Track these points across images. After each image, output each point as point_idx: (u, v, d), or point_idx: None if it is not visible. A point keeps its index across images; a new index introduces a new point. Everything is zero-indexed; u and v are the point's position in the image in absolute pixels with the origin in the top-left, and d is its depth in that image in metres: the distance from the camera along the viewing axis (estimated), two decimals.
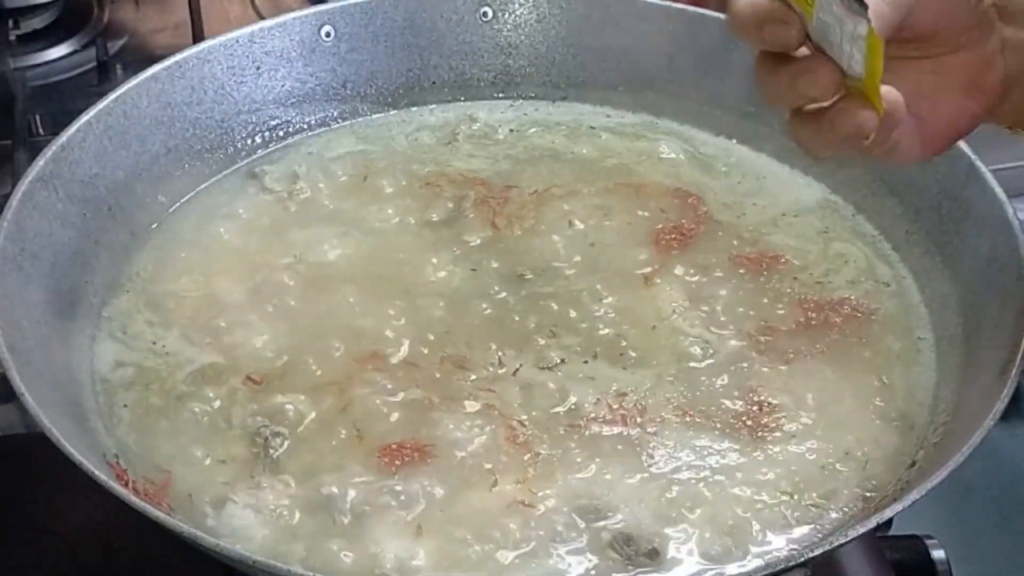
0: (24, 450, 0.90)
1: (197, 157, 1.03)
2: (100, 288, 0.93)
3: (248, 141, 1.06)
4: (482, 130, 1.09)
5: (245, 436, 0.83)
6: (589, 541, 0.77)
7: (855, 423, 0.84)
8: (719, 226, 0.99)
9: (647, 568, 0.76)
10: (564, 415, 0.84)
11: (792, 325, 0.91)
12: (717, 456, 0.82)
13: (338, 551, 0.77)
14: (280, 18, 1.06)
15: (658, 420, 0.84)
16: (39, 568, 0.86)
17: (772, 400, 0.85)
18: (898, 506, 0.72)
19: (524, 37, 1.11)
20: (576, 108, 1.11)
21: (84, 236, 0.93)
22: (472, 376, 0.86)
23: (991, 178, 0.90)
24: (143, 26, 1.35)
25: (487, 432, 0.82)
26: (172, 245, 0.97)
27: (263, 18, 1.10)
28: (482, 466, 0.81)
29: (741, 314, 0.91)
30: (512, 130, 1.10)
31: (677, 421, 0.84)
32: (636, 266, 0.95)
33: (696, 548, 0.77)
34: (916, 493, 0.71)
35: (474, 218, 0.99)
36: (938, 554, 0.90)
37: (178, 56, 1.01)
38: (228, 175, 1.04)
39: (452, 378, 0.86)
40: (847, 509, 0.80)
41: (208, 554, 0.71)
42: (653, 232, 0.98)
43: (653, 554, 0.76)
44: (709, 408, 0.85)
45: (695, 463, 0.81)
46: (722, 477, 0.80)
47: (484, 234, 0.98)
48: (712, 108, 1.08)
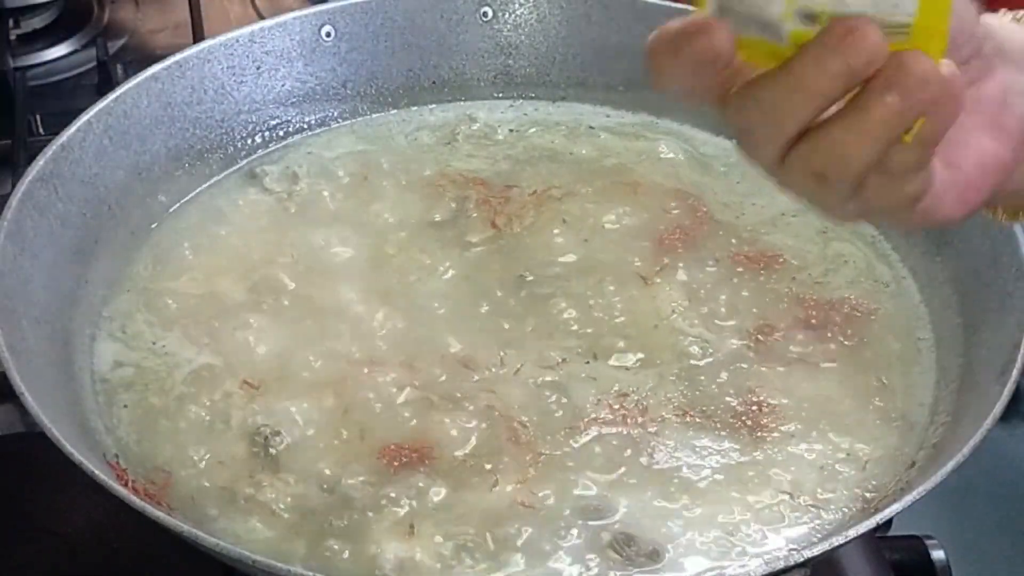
0: (24, 450, 0.90)
1: (197, 157, 1.03)
2: (100, 288, 0.93)
3: (248, 141, 1.05)
4: (482, 130, 1.09)
5: (245, 436, 0.83)
6: (589, 541, 0.77)
7: (855, 423, 0.84)
8: (718, 226, 0.99)
9: (647, 568, 0.76)
10: (565, 415, 0.84)
11: (792, 325, 0.91)
12: (717, 456, 0.82)
13: (338, 551, 0.76)
14: (280, 18, 1.06)
15: (659, 420, 0.84)
16: (39, 568, 0.86)
17: (772, 400, 0.85)
18: (898, 506, 0.72)
19: (524, 37, 1.11)
20: (576, 108, 1.11)
21: (84, 236, 0.93)
22: (475, 376, 0.86)
23: None
24: (143, 26, 1.35)
25: (488, 432, 0.82)
26: (172, 245, 0.97)
27: (263, 18, 1.10)
28: (482, 466, 0.81)
29: (741, 314, 0.91)
30: (512, 130, 1.09)
31: (677, 421, 0.84)
32: (636, 266, 0.95)
33: (696, 548, 0.77)
34: (916, 493, 0.71)
35: (476, 218, 0.99)
36: (938, 554, 0.90)
37: (178, 56, 1.01)
38: (228, 175, 1.04)
39: (453, 378, 0.86)
40: (847, 509, 0.80)
41: (208, 554, 0.71)
42: (652, 232, 0.98)
43: (653, 554, 0.76)
44: (709, 408, 0.85)
45: (695, 463, 0.81)
46: (722, 477, 0.80)
47: (486, 234, 0.98)
48: (712, 108, 1.07)
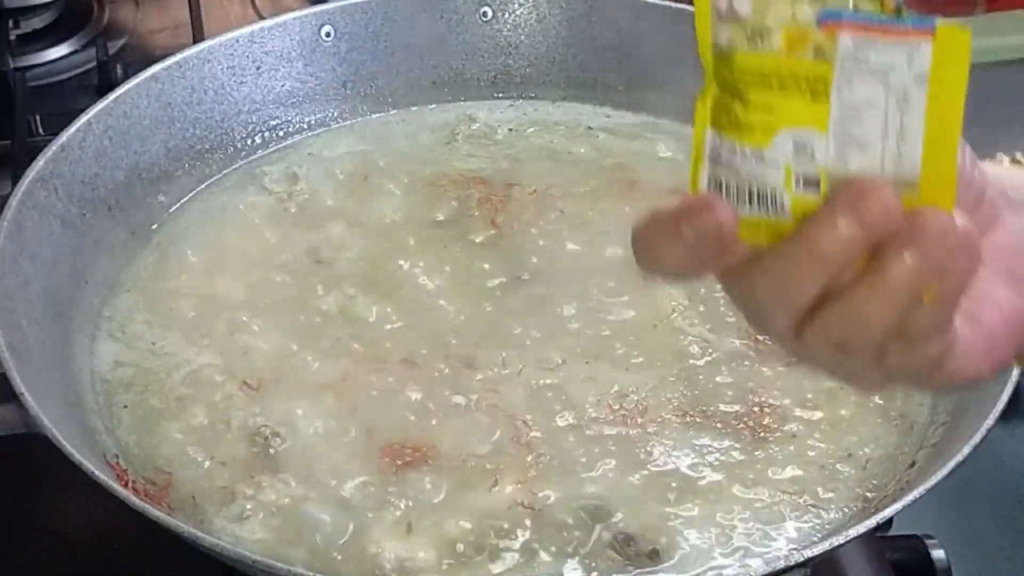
0: (24, 450, 0.90)
1: (197, 157, 1.03)
2: (100, 288, 0.93)
3: (248, 141, 1.05)
4: (481, 130, 1.09)
5: (245, 436, 0.83)
6: (589, 541, 0.77)
7: (855, 423, 0.84)
8: None
9: (648, 568, 0.76)
10: (565, 416, 0.84)
11: None
12: (717, 456, 0.82)
13: (338, 551, 0.76)
14: (280, 18, 1.06)
15: (659, 420, 0.84)
16: (39, 568, 0.86)
17: (772, 400, 0.85)
18: (898, 506, 0.72)
19: (524, 37, 1.11)
20: (576, 108, 1.11)
21: (84, 236, 0.93)
22: (478, 376, 0.86)
23: None
24: (143, 26, 1.35)
25: (488, 432, 0.82)
26: (172, 245, 0.97)
27: (263, 18, 1.10)
28: (483, 466, 0.80)
29: (741, 313, 0.91)
30: (511, 130, 1.09)
31: (678, 421, 0.84)
32: (634, 266, 0.95)
33: (696, 548, 0.77)
34: (916, 493, 0.71)
35: (478, 216, 0.99)
36: (938, 554, 0.89)
37: (178, 56, 1.01)
38: (228, 175, 1.04)
39: (454, 378, 0.86)
40: (847, 509, 0.79)
41: (208, 554, 0.71)
42: None
43: (653, 554, 0.76)
44: (710, 408, 0.84)
45: (695, 463, 0.81)
46: (722, 477, 0.80)
47: (488, 232, 0.98)
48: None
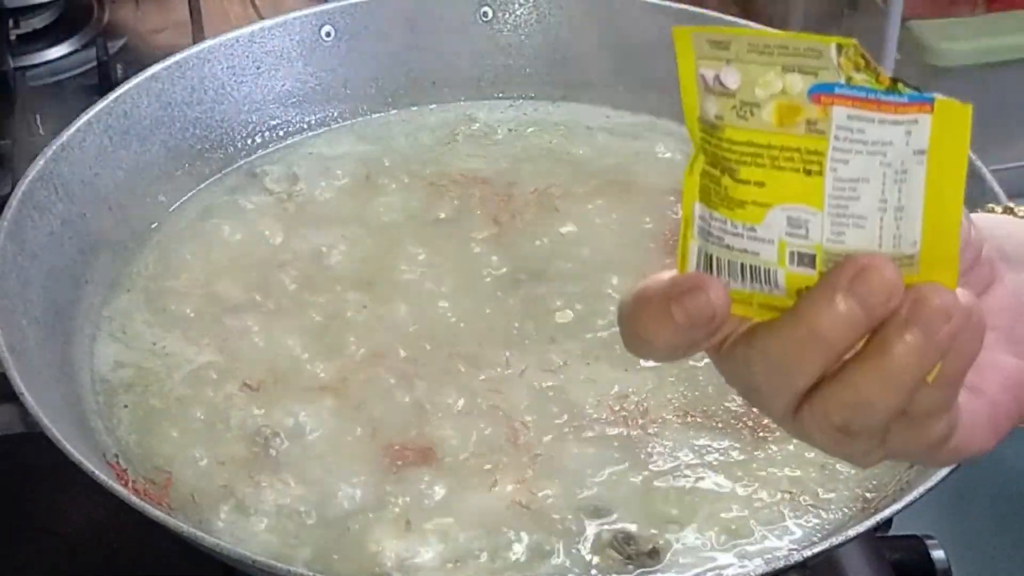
0: (24, 450, 0.90)
1: (197, 157, 1.03)
2: (100, 288, 0.93)
3: (248, 141, 1.05)
4: (481, 130, 1.09)
5: (245, 436, 0.83)
6: (589, 541, 0.77)
7: None
8: None
9: (648, 568, 0.76)
10: (565, 417, 0.84)
11: None
12: (717, 455, 0.82)
13: (338, 550, 0.76)
14: (280, 18, 1.06)
15: (659, 421, 0.84)
16: (39, 568, 0.86)
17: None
18: (898, 506, 0.72)
19: (524, 37, 1.11)
20: (576, 108, 1.11)
21: (84, 236, 0.93)
22: (481, 375, 0.86)
23: (991, 178, 0.90)
24: (143, 26, 1.35)
25: (488, 432, 0.82)
26: (172, 244, 0.97)
27: (263, 18, 1.10)
28: (483, 466, 0.80)
29: None
30: (511, 130, 1.09)
31: (678, 422, 0.84)
32: (634, 265, 0.95)
33: (696, 548, 0.77)
34: (916, 493, 0.71)
35: (480, 215, 0.99)
36: (938, 554, 0.89)
37: (178, 56, 1.01)
38: (228, 175, 1.04)
39: (456, 378, 0.86)
40: (847, 509, 0.79)
41: (208, 554, 0.71)
42: (651, 231, 0.98)
43: (653, 553, 0.76)
44: (710, 408, 0.84)
45: (696, 462, 0.81)
46: (723, 476, 0.80)
47: (490, 231, 0.98)
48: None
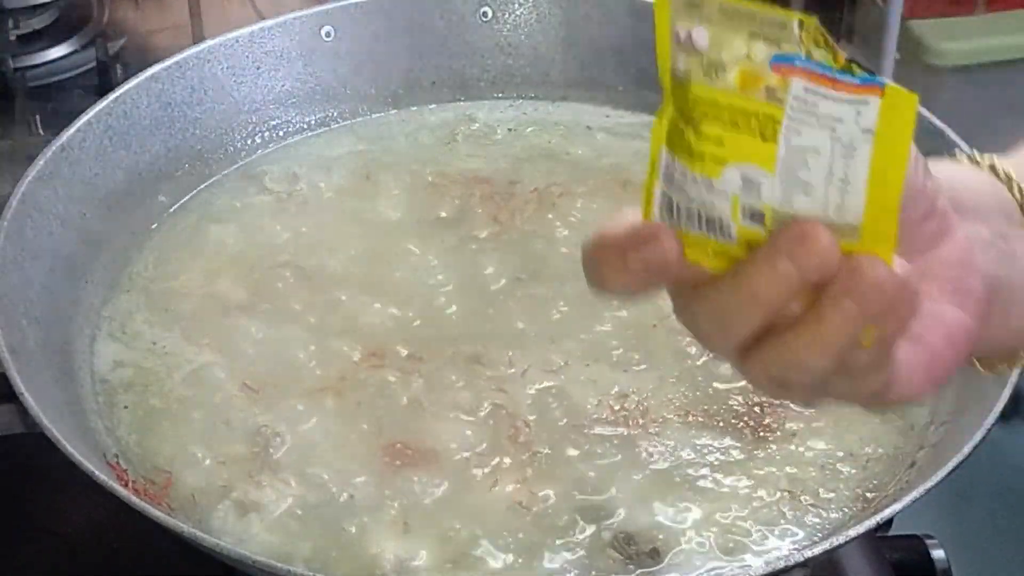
0: (24, 450, 0.90)
1: (197, 157, 1.03)
2: (100, 288, 0.93)
3: (248, 141, 1.05)
4: (481, 130, 1.09)
5: (245, 436, 0.83)
6: (589, 541, 0.77)
7: (856, 423, 0.84)
8: None
9: (648, 567, 0.76)
10: (565, 417, 0.84)
11: None
12: (718, 455, 0.82)
13: (338, 551, 0.76)
14: (280, 18, 1.06)
15: (659, 421, 0.83)
16: (39, 568, 0.86)
17: (773, 400, 0.85)
18: (898, 506, 0.72)
19: (524, 37, 1.11)
20: (576, 108, 1.11)
21: (84, 236, 0.93)
22: (485, 375, 0.86)
23: None
24: (143, 26, 1.35)
25: (489, 432, 0.82)
26: (172, 245, 0.97)
27: (263, 18, 1.10)
28: (483, 466, 0.80)
29: None
30: (510, 130, 1.09)
31: (679, 422, 0.84)
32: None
33: (696, 548, 0.77)
34: (916, 493, 0.71)
35: (482, 213, 0.99)
36: (938, 554, 0.89)
37: (178, 56, 1.01)
38: (228, 175, 1.04)
39: (455, 379, 0.86)
40: (847, 509, 0.79)
41: (208, 554, 0.71)
42: None
43: (654, 553, 0.76)
44: (711, 408, 0.84)
45: (696, 462, 0.81)
46: (723, 476, 0.80)
47: (491, 229, 0.98)
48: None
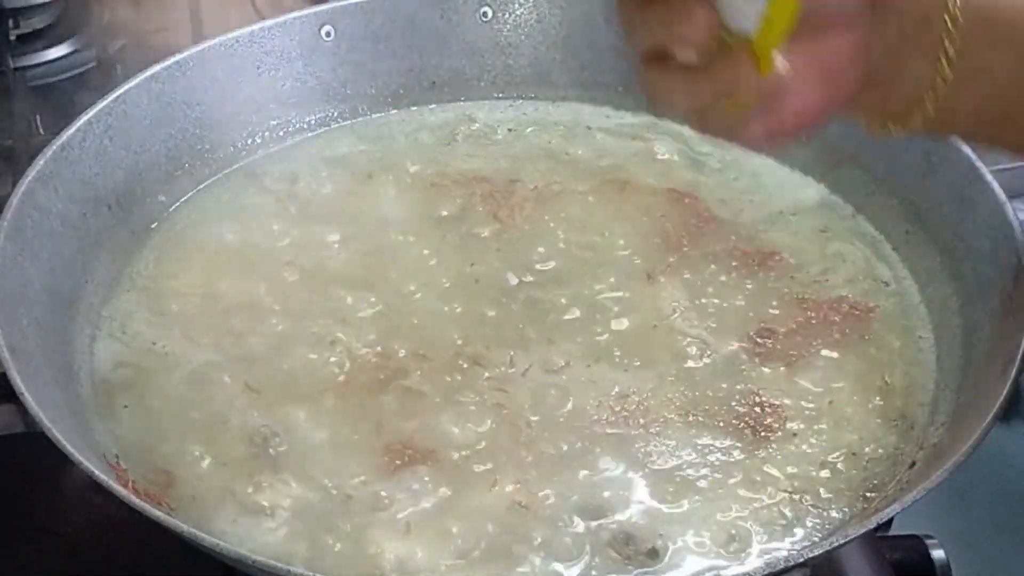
0: (24, 450, 0.90)
1: (197, 157, 1.03)
2: (100, 288, 0.93)
3: (248, 141, 1.06)
4: (481, 130, 1.09)
5: (245, 436, 0.83)
6: (589, 540, 0.77)
7: (855, 423, 0.84)
8: (716, 225, 0.99)
9: (647, 567, 0.76)
10: (566, 417, 0.84)
11: (792, 325, 0.91)
12: (718, 455, 0.82)
13: (338, 551, 0.76)
14: (280, 18, 1.06)
15: (660, 421, 0.84)
16: (39, 568, 0.86)
17: (773, 400, 0.85)
18: (898, 506, 0.72)
19: (524, 37, 1.11)
20: (576, 108, 1.11)
21: (84, 236, 0.93)
22: (486, 375, 0.86)
23: (991, 179, 0.90)
24: (143, 26, 1.35)
25: (489, 432, 0.82)
26: (172, 245, 0.98)
27: (263, 18, 1.10)
28: (483, 466, 0.80)
29: (741, 313, 0.91)
30: (510, 130, 1.10)
31: (679, 422, 0.84)
32: (634, 266, 0.95)
33: (696, 547, 0.77)
34: (916, 493, 0.71)
35: (483, 212, 0.99)
36: (938, 554, 0.90)
37: (178, 56, 1.01)
38: (228, 175, 1.04)
39: (455, 378, 0.86)
40: (847, 509, 0.79)
41: (208, 554, 0.71)
42: (650, 231, 0.98)
43: (653, 553, 0.76)
44: (712, 408, 0.84)
45: (696, 462, 0.81)
46: (722, 476, 0.80)
47: (492, 227, 0.98)
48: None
